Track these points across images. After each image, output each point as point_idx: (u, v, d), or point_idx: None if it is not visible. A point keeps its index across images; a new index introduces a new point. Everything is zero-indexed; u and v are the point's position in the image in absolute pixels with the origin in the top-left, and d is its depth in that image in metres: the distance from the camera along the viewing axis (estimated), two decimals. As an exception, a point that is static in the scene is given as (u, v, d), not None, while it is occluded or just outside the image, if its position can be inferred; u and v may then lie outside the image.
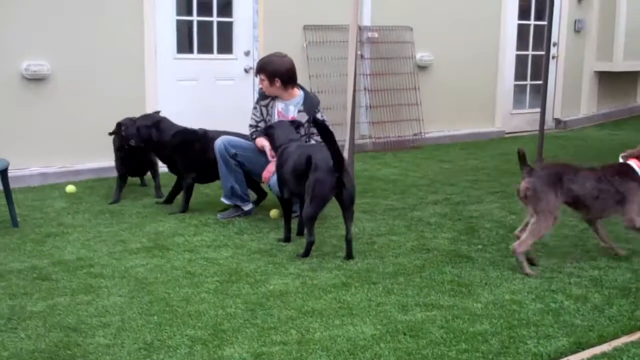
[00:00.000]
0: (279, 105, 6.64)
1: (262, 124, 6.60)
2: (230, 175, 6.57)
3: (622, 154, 5.47)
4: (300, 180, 5.60)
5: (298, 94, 6.66)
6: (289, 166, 5.77)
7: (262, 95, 6.71)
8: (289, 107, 6.61)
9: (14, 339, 4.03)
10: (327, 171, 5.38)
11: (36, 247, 5.75)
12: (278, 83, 6.53)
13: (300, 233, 6.03)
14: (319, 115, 6.42)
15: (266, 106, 6.66)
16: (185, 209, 6.81)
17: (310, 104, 6.61)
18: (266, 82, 6.55)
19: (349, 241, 5.48)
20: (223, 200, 6.72)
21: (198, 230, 6.21)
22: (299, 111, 6.56)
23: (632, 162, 5.32)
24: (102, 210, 6.91)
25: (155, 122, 7.00)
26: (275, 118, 6.59)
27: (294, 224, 6.04)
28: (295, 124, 6.35)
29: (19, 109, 8.11)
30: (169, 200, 7.17)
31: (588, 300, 4.59)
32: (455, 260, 5.41)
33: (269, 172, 6.39)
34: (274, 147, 6.17)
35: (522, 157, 5.36)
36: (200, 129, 7.04)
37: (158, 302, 4.56)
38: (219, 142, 6.56)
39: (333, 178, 5.38)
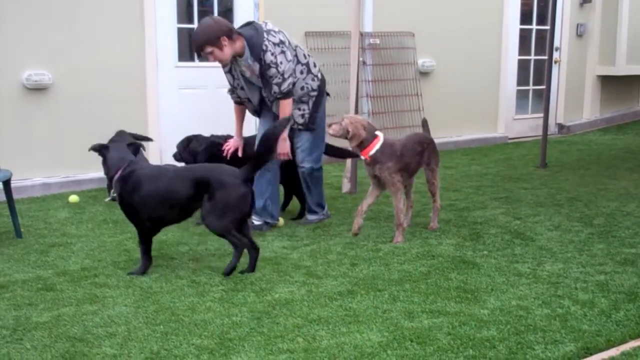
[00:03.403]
0: (241, 64, 6.17)
1: (239, 91, 6.43)
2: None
3: None
4: (175, 207, 5.25)
5: (244, 44, 6.09)
6: (156, 192, 5.20)
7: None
8: (249, 62, 6.13)
9: (20, 350, 4.01)
10: (238, 184, 5.16)
11: (40, 258, 5.74)
12: (226, 41, 5.96)
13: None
14: (268, 55, 6.00)
15: (229, 72, 6.33)
16: None
17: (255, 49, 6.05)
18: (217, 51, 5.96)
19: (257, 250, 5.37)
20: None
21: (202, 239, 6.19)
22: (254, 61, 6.10)
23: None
24: (105, 220, 6.90)
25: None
26: (245, 77, 6.25)
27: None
28: (134, 147, 5.61)
29: (20, 119, 8.11)
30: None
31: (595, 305, 4.57)
32: (461, 266, 5.39)
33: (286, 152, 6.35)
34: (108, 172, 5.39)
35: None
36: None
37: (164, 312, 4.54)
38: None
39: (248, 190, 5.21)
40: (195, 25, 9.21)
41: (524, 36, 12.65)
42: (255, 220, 6.47)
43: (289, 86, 6.18)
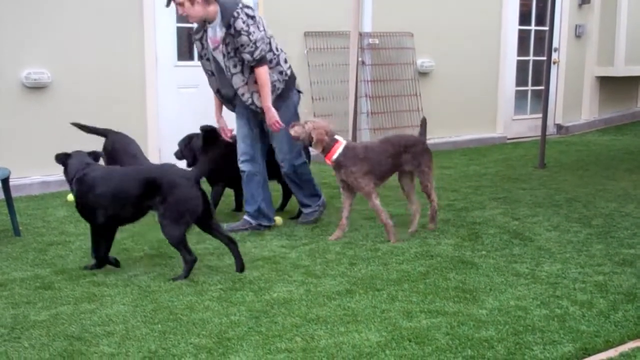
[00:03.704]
0: (209, 33, 6.10)
1: (204, 62, 6.37)
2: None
3: None
4: (127, 206, 5.24)
5: (217, 11, 5.99)
6: (108, 191, 5.22)
7: (196, 28, 6.26)
8: (216, 29, 6.04)
9: (18, 348, 4.01)
10: (190, 186, 5.14)
11: (38, 256, 5.74)
12: None
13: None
14: (239, 22, 5.88)
15: (200, 39, 6.25)
16: None
17: (226, 14, 5.93)
18: (187, 4, 5.87)
19: (235, 244, 5.39)
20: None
21: (201, 238, 6.17)
22: (221, 27, 5.99)
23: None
24: (104, 219, 6.89)
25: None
26: (210, 48, 6.18)
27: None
28: (93, 155, 5.59)
29: (19, 117, 8.10)
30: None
31: (593, 305, 4.57)
32: (459, 266, 5.39)
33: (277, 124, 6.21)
34: (67, 176, 5.48)
35: None
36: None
37: (162, 311, 4.54)
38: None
39: (198, 192, 5.18)
40: (195, 25, 9.21)
41: (523, 37, 12.65)
42: (252, 222, 6.48)
43: (262, 52, 6.05)
